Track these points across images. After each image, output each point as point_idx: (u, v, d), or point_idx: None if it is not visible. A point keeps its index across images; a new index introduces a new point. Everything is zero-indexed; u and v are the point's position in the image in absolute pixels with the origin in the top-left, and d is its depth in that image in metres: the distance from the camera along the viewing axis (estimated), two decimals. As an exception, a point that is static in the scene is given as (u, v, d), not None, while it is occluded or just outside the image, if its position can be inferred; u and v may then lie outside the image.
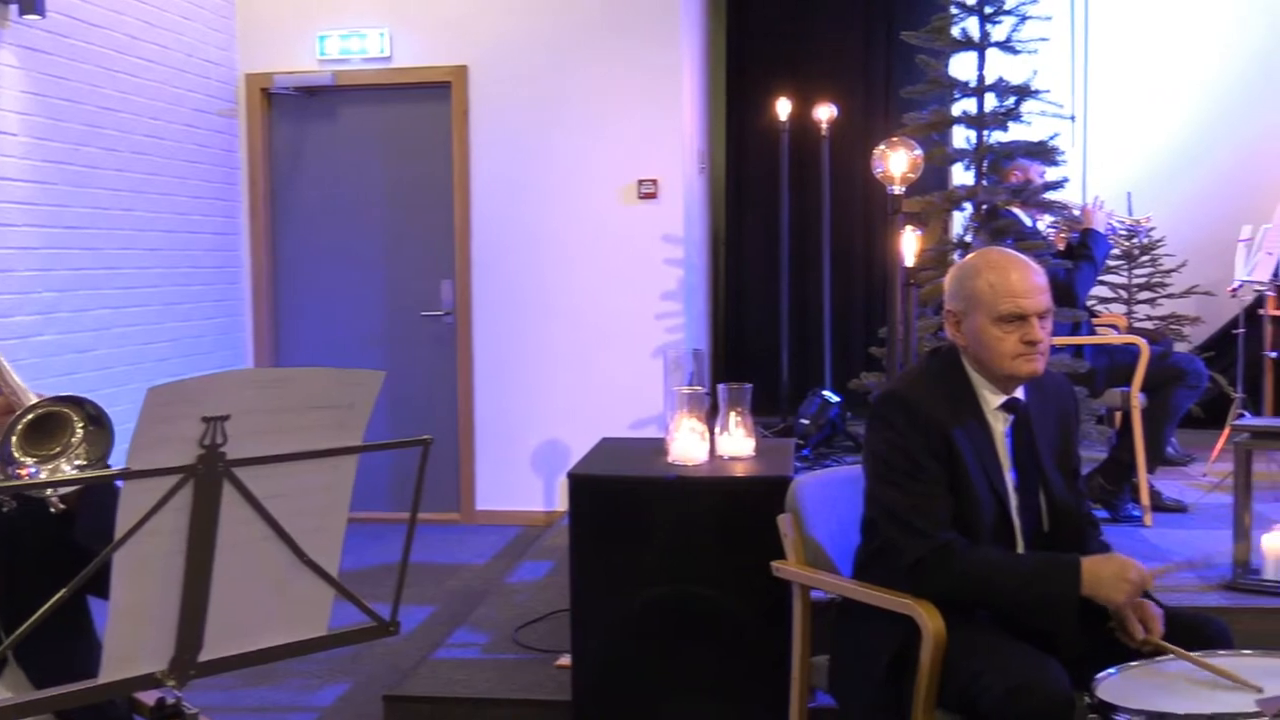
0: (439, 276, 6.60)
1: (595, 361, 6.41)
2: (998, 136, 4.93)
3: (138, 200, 5.70)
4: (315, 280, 6.74)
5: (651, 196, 6.36)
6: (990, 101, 4.92)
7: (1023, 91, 4.87)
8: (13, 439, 1.90)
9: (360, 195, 6.68)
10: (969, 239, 4.94)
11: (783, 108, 6.78)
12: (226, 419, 1.63)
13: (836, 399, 6.26)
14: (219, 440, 1.63)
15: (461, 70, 6.46)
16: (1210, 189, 7.35)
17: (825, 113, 6.80)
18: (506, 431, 6.52)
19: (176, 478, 1.62)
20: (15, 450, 1.91)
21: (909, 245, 4.47)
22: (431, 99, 6.54)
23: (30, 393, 2.02)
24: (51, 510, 1.99)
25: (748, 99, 7.82)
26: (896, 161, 4.52)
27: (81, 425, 1.97)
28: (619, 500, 3.38)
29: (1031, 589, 2.53)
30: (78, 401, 1.96)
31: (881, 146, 4.61)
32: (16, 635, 1.61)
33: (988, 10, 4.89)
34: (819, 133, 6.83)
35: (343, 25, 6.51)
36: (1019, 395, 2.72)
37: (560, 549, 4.58)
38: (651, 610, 3.35)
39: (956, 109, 5.04)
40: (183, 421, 1.60)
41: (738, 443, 3.58)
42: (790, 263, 6.93)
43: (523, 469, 6.50)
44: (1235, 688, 2.19)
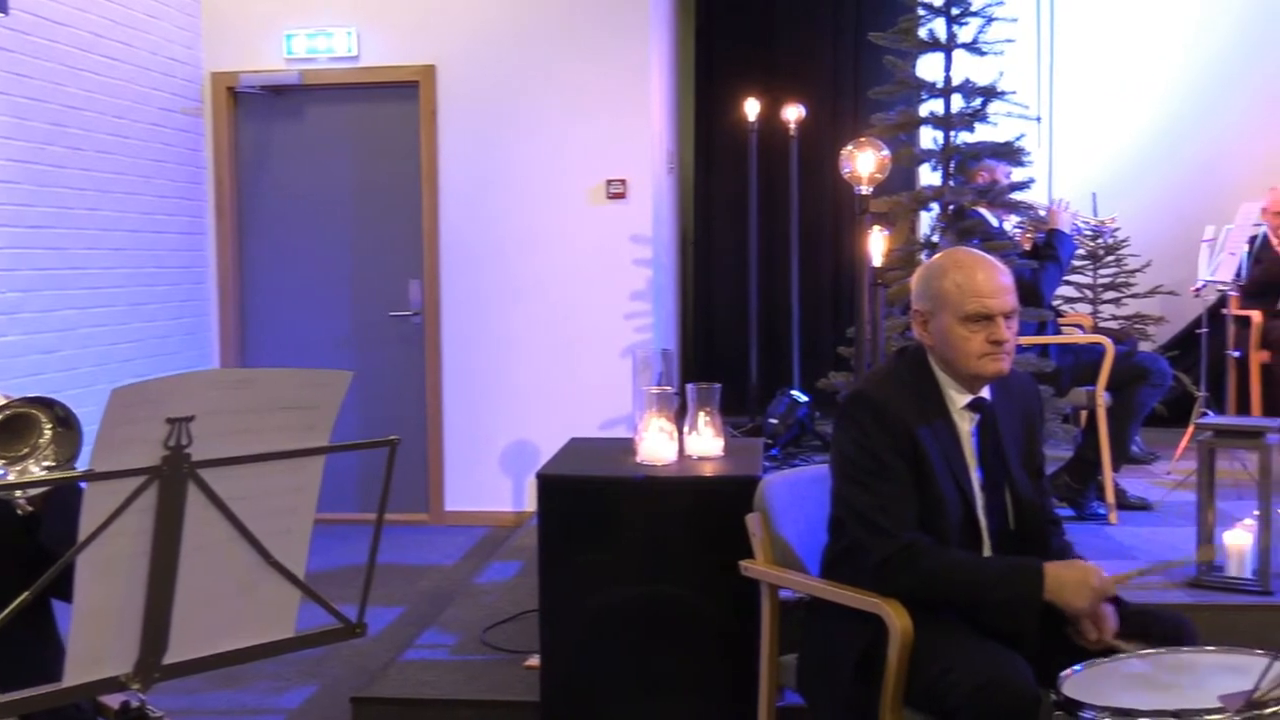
0: (407, 276, 6.58)
1: (564, 362, 6.40)
2: (964, 137, 4.96)
3: (103, 200, 5.65)
4: (282, 280, 6.70)
5: (620, 197, 6.36)
6: (957, 102, 4.95)
7: (989, 93, 4.90)
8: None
9: (328, 195, 6.65)
10: (936, 239, 4.97)
11: (751, 108, 6.80)
12: (191, 420, 1.62)
13: (805, 399, 6.28)
14: (184, 441, 1.63)
15: (430, 70, 6.44)
16: (1174, 190, 7.43)
17: (794, 113, 6.82)
18: (475, 432, 6.50)
19: (141, 479, 1.61)
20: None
21: (876, 245, 4.49)
22: (399, 98, 6.52)
23: None
24: (19, 512, 1.98)
25: (716, 99, 7.84)
26: (864, 162, 4.55)
27: (50, 427, 1.96)
28: (588, 500, 3.38)
29: (995, 592, 2.55)
30: (47, 403, 1.94)
31: (849, 147, 4.64)
32: (-21, 638, 1.60)
33: (954, 12, 4.92)
34: (787, 133, 6.84)
35: (310, 24, 6.47)
36: (985, 395, 2.74)
37: (529, 549, 4.57)
38: (620, 610, 3.35)
39: (924, 110, 5.06)
40: (147, 423, 1.59)
41: (706, 442, 3.59)
42: (759, 263, 6.95)
43: (491, 469, 6.49)
44: (1192, 682, 2.22)
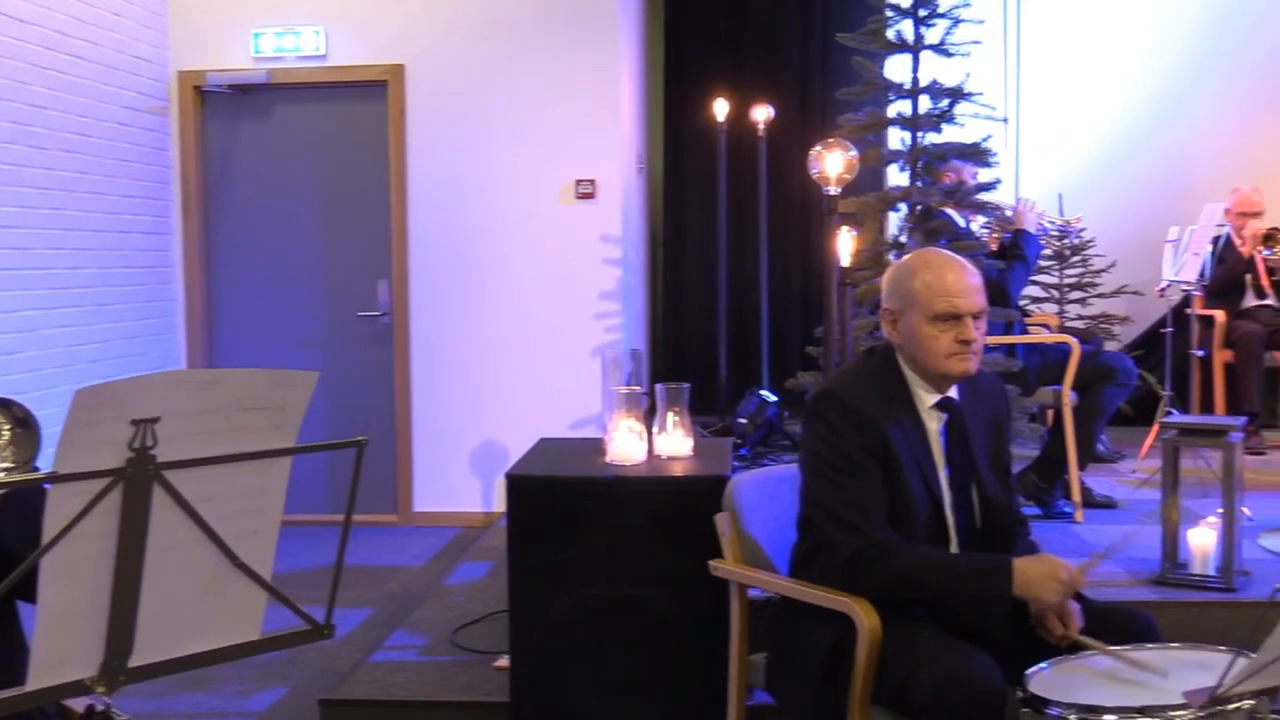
0: (375, 276, 6.56)
1: (533, 362, 6.39)
2: (932, 138, 4.98)
3: (67, 199, 5.60)
4: (250, 280, 6.66)
5: (590, 196, 6.36)
6: (924, 104, 4.97)
7: (956, 94, 4.92)
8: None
9: (295, 194, 6.61)
10: (904, 239, 4.99)
11: (720, 108, 6.80)
12: (156, 421, 1.61)
13: (774, 398, 6.29)
14: (149, 443, 1.62)
15: (398, 69, 6.42)
16: (1139, 190, 7.48)
17: (762, 114, 6.83)
18: (444, 432, 6.48)
19: (105, 481, 1.60)
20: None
21: (844, 245, 4.50)
22: (368, 98, 6.49)
23: None
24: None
25: (685, 100, 7.84)
26: (832, 162, 4.56)
27: (9, 428, 1.94)
28: (557, 501, 3.38)
29: (964, 588, 2.56)
30: (4, 404, 1.93)
31: (818, 147, 4.65)
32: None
33: (922, 13, 4.94)
34: (756, 133, 6.86)
35: (277, 23, 6.44)
36: (953, 394, 2.76)
37: (499, 550, 4.56)
38: (590, 610, 3.35)
39: (891, 111, 5.07)
40: (111, 424, 1.58)
41: (676, 442, 3.59)
42: (728, 263, 6.95)
43: (461, 470, 6.48)
44: (1155, 678, 2.24)
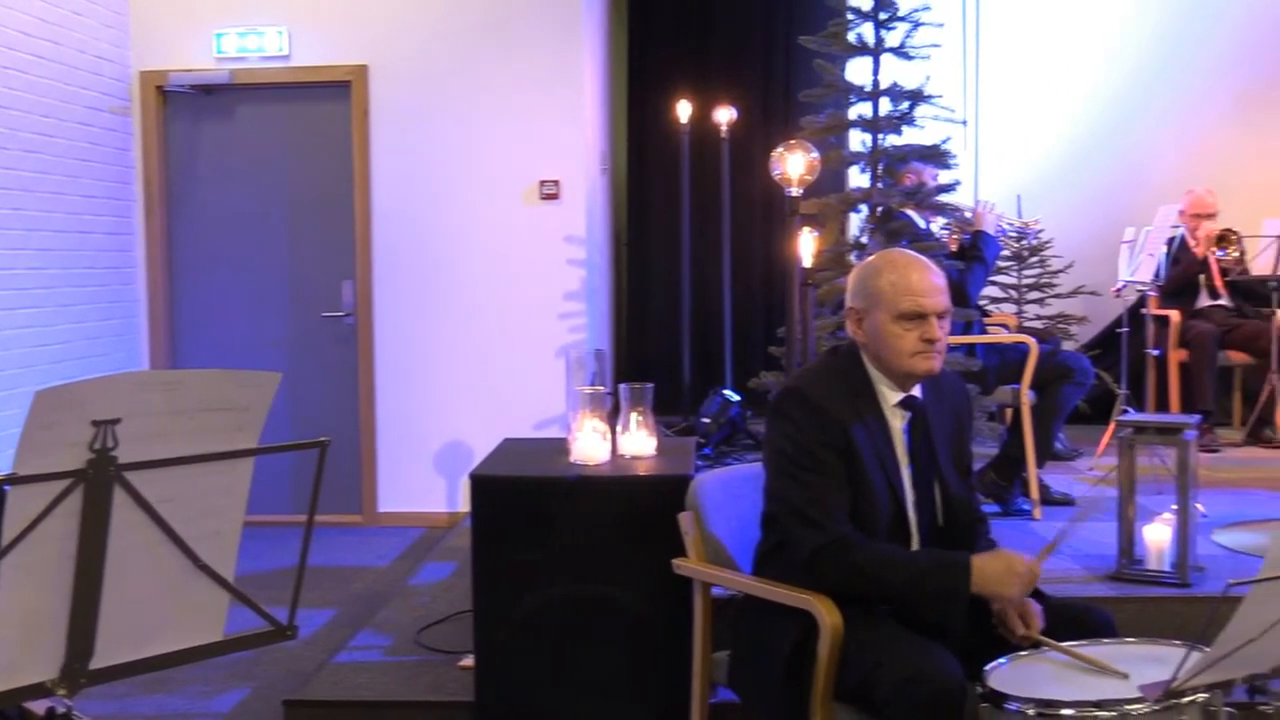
0: (339, 277, 6.54)
1: (497, 362, 6.39)
2: (892, 140, 5.01)
3: (27, 199, 5.55)
4: (213, 281, 6.62)
5: (554, 197, 6.37)
6: (885, 106, 5.00)
7: (916, 96, 4.96)
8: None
9: (259, 195, 6.58)
10: (865, 240, 5.02)
11: (683, 110, 6.83)
12: (117, 422, 1.61)
13: (737, 398, 6.32)
14: (109, 444, 1.61)
15: (362, 69, 6.40)
16: (1096, 192, 7.56)
17: (725, 115, 6.85)
18: (408, 432, 6.47)
19: (66, 482, 1.59)
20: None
21: (806, 246, 4.54)
22: (331, 98, 6.47)
23: None
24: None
25: (649, 101, 7.86)
26: (794, 164, 4.59)
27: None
28: (521, 501, 3.39)
29: (924, 584, 2.59)
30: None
31: (780, 149, 4.68)
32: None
33: (882, 17, 4.97)
34: (719, 135, 6.88)
35: (240, 23, 6.40)
36: (916, 393, 2.79)
37: (463, 550, 4.56)
38: (554, 610, 3.36)
39: (852, 113, 5.11)
40: (71, 425, 1.58)
41: (639, 442, 3.60)
42: (691, 263, 6.98)
43: (425, 470, 6.47)
44: (1110, 676, 2.28)
